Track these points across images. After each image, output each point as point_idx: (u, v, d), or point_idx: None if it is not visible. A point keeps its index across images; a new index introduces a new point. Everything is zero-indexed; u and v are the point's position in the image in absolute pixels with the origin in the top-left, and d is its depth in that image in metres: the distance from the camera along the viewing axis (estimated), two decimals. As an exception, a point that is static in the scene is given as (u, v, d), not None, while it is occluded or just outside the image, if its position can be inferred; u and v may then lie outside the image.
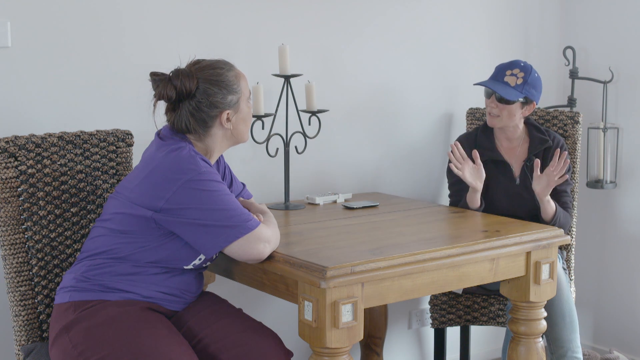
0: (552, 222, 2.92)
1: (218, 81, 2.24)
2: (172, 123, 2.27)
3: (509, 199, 3.07)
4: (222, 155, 2.46)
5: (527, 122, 3.13)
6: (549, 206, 2.93)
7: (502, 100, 2.99)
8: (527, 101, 3.01)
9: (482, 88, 3.32)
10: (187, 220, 2.12)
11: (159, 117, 2.32)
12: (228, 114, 2.27)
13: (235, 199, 2.19)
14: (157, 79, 2.25)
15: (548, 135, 3.10)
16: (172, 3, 2.91)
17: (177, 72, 2.24)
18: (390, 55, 3.47)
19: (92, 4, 2.74)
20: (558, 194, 3.08)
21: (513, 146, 3.12)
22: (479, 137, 3.13)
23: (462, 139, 3.16)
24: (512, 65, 3.03)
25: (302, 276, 2.11)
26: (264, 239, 2.19)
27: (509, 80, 2.99)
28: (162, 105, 2.30)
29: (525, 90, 2.99)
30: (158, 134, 2.30)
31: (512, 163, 3.10)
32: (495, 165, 3.09)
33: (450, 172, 3.14)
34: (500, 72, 3.03)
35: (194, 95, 2.23)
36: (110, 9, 2.78)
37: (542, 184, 2.89)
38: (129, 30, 2.82)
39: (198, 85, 2.23)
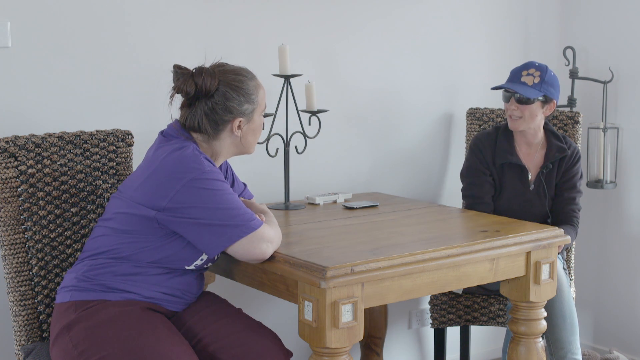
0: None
1: (238, 87, 2.26)
2: (185, 119, 2.27)
3: (521, 204, 3.06)
4: (224, 155, 2.47)
5: (546, 128, 3.10)
6: None
7: (522, 101, 2.96)
8: (546, 100, 2.99)
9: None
10: (191, 219, 2.12)
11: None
12: (240, 121, 2.27)
13: (238, 199, 2.19)
14: (180, 72, 2.26)
15: (565, 143, 3.08)
16: (173, 3, 2.91)
17: (201, 70, 2.24)
18: (391, 55, 3.47)
19: (92, 4, 2.74)
20: (564, 201, 3.06)
21: (531, 151, 3.09)
22: (499, 139, 3.09)
23: (482, 138, 3.12)
24: (527, 66, 3.01)
25: (302, 276, 2.11)
26: (267, 238, 2.19)
27: (526, 80, 2.97)
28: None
29: (544, 88, 2.96)
30: (162, 133, 2.30)
31: (529, 168, 3.08)
32: (512, 169, 3.07)
33: (465, 173, 3.13)
34: (516, 74, 3.01)
35: (212, 95, 2.24)
36: (110, 9, 2.78)
37: None
38: (129, 30, 2.82)
39: (218, 87, 2.24)
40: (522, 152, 3.09)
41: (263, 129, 2.38)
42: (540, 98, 2.97)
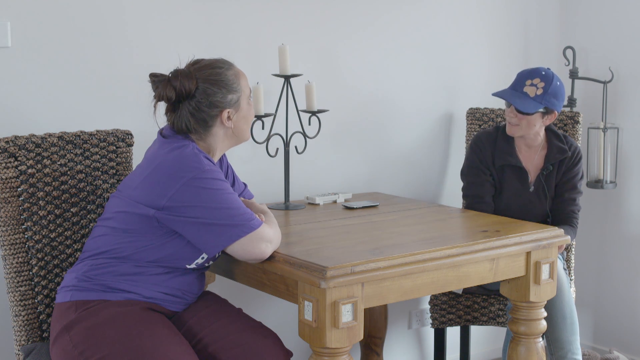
0: None
1: (217, 81, 2.24)
2: (172, 123, 2.27)
3: (521, 206, 3.06)
4: (224, 155, 2.46)
5: (548, 128, 3.07)
6: None
7: (522, 112, 2.93)
8: (547, 111, 2.94)
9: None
10: (190, 218, 2.12)
11: (159, 118, 2.32)
12: (229, 112, 2.26)
13: (238, 198, 2.19)
14: (157, 80, 2.24)
15: (566, 144, 3.06)
16: (173, 4, 2.91)
17: (176, 73, 2.23)
18: (391, 55, 3.47)
19: (92, 4, 2.74)
20: (565, 202, 3.06)
21: (531, 153, 3.07)
22: (499, 140, 3.07)
23: (482, 138, 3.10)
24: (533, 74, 2.94)
25: (302, 276, 2.11)
26: (266, 238, 2.19)
27: (529, 91, 2.91)
28: (161, 106, 2.30)
29: (545, 100, 2.90)
30: (160, 132, 2.30)
31: (529, 170, 3.07)
32: (512, 170, 3.06)
33: (466, 172, 3.12)
34: (520, 81, 2.95)
35: (194, 95, 2.23)
36: (110, 9, 2.78)
37: None
38: (129, 30, 2.82)
39: (197, 85, 2.22)
40: (522, 154, 3.07)
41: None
42: (541, 110, 2.93)
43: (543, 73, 2.94)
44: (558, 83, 2.94)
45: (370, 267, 2.14)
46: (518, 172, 3.06)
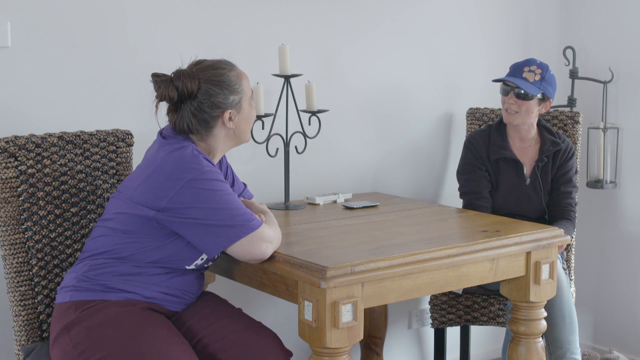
0: None
1: (219, 81, 2.24)
2: (174, 124, 2.27)
3: (518, 199, 3.09)
4: (224, 155, 2.46)
5: (539, 123, 3.14)
6: None
7: (521, 96, 2.99)
8: (544, 98, 3.03)
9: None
10: (190, 219, 2.12)
11: (161, 118, 2.32)
12: (230, 113, 2.27)
13: (238, 199, 2.19)
14: (159, 80, 2.25)
15: (559, 138, 3.11)
16: (173, 3, 2.91)
17: (179, 73, 2.23)
18: (390, 55, 3.47)
19: (92, 4, 2.74)
20: (561, 196, 3.08)
21: (525, 146, 3.12)
22: (492, 135, 3.13)
23: (475, 135, 3.15)
24: (529, 62, 3.05)
25: (302, 276, 2.11)
26: (267, 238, 2.19)
27: (528, 77, 3.01)
28: (163, 105, 2.30)
29: (543, 86, 3.00)
30: (160, 133, 2.30)
31: (524, 163, 3.10)
32: (507, 164, 3.09)
33: (461, 170, 3.14)
34: (518, 69, 3.05)
35: (196, 95, 2.23)
36: (110, 8, 2.78)
37: None
38: (129, 30, 2.82)
39: (199, 85, 2.23)
40: (515, 147, 3.12)
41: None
42: (539, 96, 3.00)
43: (538, 62, 3.06)
44: (551, 72, 3.05)
45: (370, 267, 2.14)
46: (513, 165, 3.09)
